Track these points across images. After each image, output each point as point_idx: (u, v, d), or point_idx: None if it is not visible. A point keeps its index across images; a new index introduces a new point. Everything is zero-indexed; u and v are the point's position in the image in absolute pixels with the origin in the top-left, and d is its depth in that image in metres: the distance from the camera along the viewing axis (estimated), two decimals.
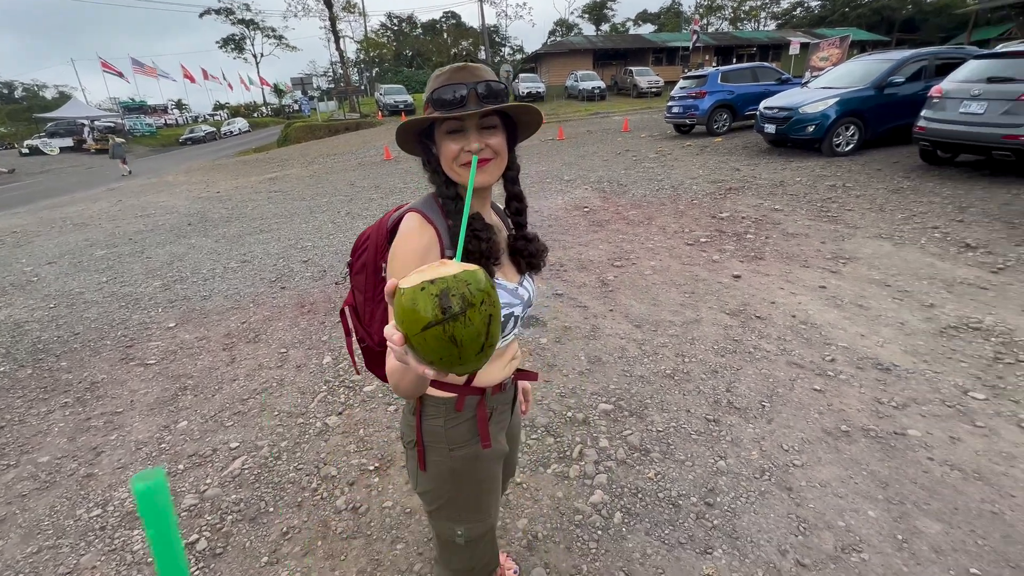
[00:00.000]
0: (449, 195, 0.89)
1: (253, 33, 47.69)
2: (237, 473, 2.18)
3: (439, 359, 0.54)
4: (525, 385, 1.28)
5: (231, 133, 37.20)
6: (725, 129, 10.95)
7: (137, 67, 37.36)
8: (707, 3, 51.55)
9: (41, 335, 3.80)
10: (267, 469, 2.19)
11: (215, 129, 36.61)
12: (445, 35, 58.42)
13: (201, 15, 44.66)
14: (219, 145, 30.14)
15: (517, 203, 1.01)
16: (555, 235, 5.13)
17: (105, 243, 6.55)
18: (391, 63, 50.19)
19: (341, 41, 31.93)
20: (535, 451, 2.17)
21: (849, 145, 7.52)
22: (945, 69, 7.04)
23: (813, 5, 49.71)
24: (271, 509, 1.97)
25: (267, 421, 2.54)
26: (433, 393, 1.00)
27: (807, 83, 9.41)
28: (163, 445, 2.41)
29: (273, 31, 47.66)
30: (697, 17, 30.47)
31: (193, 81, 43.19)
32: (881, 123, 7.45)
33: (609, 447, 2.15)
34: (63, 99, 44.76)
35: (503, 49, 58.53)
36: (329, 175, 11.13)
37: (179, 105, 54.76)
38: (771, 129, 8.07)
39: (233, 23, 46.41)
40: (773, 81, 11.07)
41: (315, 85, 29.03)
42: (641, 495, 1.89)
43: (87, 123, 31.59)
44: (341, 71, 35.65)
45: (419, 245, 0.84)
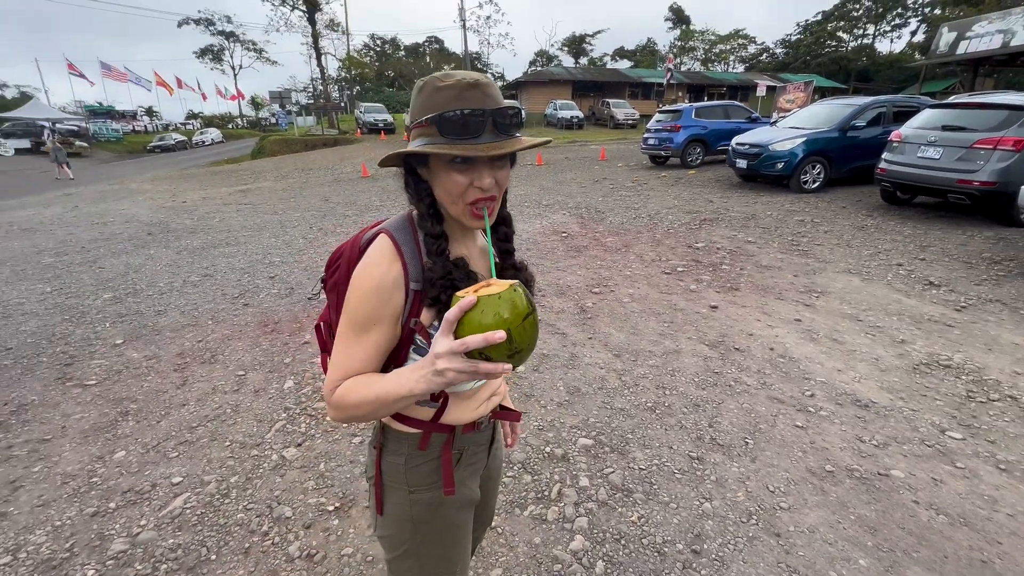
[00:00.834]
0: (434, 232, 0.78)
1: (233, 45, 47.18)
2: (178, 513, 1.94)
3: (527, 346, 0.64)
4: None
5: (203, 143, 36.21)
6: (699, 162, 11.30)
7: (106, 70, 36.35)
8: (681, 44, 54.21)
9: None
10: (212, 509, 1.97)
11: (186, 138, 35.59)
12: (428, 59, 59.34)
13: (180, 24, 43.93)
14: (190, 154, 29.27)
15: (505, 228, 0.91)
16: (533, 259, 5.07)
17: (54, 250, 6.12)
18: (373, 82, 50.38)
19: (323, 58, 31.89)
20: (511, 490, 2.03)
21: (816, 183, 7.84)
22: (901, 116, 7.51)
23: (778, 52, 53.05)
24: (213, 557, 1.75)
25: (217, 452, 2.31)
26: (396, 427, 0.89)
27: (775, 122, 9.84)
28: (94, 479, 2.15)
29: (253, 44, 47.25)
30: (671, 56, 31.84)
31: (169, 90, 42.18)
32: (845, 163, 7.81)
33: (590, 486, 2.03)
34: (24, 99, 42.79)
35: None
36: (303, 189, 10.87)
37: (149, 112, 53.11)
38: (743, 164, 8.35)
39: (213, 34, 45.86)
40: (743, 119, 11.57)
41: (294, 100, 28.66)
42: (624, 541, 1.76)
43: (47, 125, 30.25)
44: (321, 87, 35.48)
45: (381, 283, 0.75)
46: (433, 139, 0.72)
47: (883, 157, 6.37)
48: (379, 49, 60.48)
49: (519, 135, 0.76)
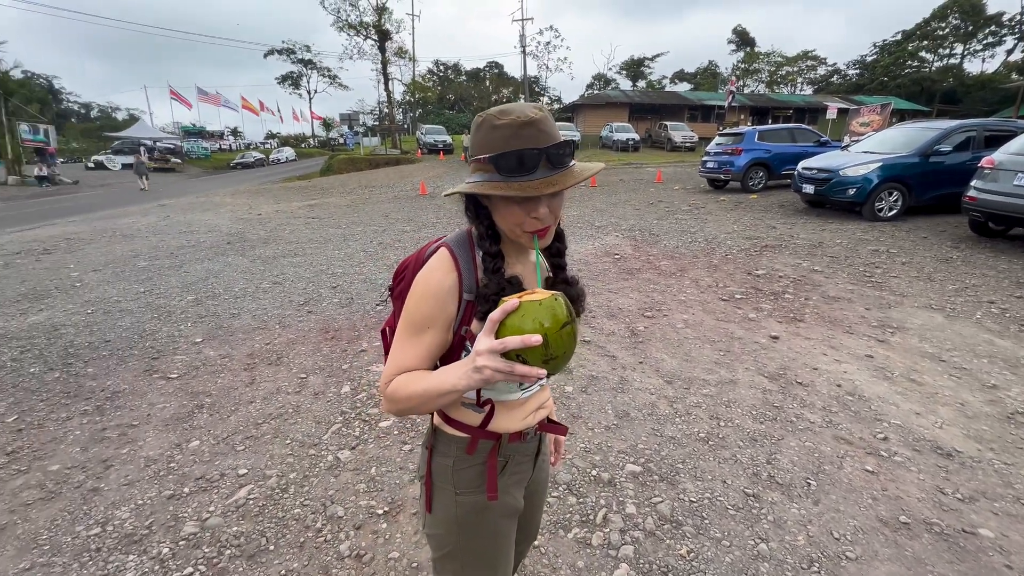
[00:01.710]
0: (491, 252, 0.84)
1: (310, 72, 51.09)
2: (242, 503, 2.08)
3: (562, 353, 0.67)
4: (559, 436, 1.18)
5: (279, 161, 39.30)
6: (761, 187, 10.89)
7: (202, 95, 40.36)
8: (744, 66, 52.82)
9: (74, 339, 3.88)
10: (272, 502, 2.09)
11: (264, 156, 38.76)
12: (487, 83, 61.39)
13: (266, 55, 48.26)
14: (267, 171, 31.75)
15: (558, 243, 0.95)
16: (584, 280, 5.05)
17: (148, 255, 6.81)
18: (434, 105, 52.75)
19: (390, 83, 33.82)
20: (556, 511, 2.01)
21: (892, 211, 7.32)
22: (993, 141, 6.89)
23: (851, 73, 50.41)
24: (271, 547, 1.85)
25: (279, 449, 2.46)
26: (447, 430, 0.94)
27: (847, 146, 9.33)
28: (172, 464, 2.35)
29: (328, 71, 50.96)
30: (733, 78, 31.10)
31: (254, 112, 46.23)
32: (926, 190, 7.26)
33: (637, 515, 1.97)
34: (132, 121, 48.44)
35: (542, 98, 60.86)
36: (365, 205, 11.47)
37: (234, 132, 58.45)
38: (809, 189, 7.96)
39: (293, 62, 49.95)
40: (812, 143, 11.05)
41: (361, 121, 30.61)
42: (672, 575, 1.70)
43: (148, 143, 33.93)
44: (387, 110, 37.56)
45: (439, 289, 0.82)
46: (491, 176, 0.78)
47: (972, 185, 5.86)
48: (442, 74, 63.35)
49: (573, 163, 0.80)
